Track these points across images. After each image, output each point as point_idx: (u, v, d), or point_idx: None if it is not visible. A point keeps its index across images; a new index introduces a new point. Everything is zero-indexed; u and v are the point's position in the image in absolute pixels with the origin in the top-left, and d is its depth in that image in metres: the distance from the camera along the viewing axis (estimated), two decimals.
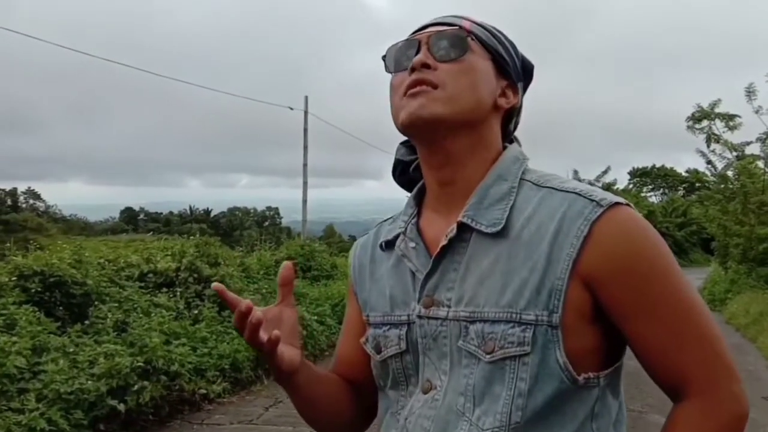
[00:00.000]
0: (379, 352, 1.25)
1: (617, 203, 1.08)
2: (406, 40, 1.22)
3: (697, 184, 25.20)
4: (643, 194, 52.13)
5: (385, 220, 1.38)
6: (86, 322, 7.14)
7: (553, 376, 1.05)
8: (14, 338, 6.03)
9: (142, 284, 8.96)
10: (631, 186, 54.30)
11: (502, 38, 1.24)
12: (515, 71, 1.25)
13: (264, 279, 12.46)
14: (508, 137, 1.28)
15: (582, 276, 1.06)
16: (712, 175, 21.04)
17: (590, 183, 34.73)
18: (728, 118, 19.21)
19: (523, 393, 1.05)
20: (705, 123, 19.62)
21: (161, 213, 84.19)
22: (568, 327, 1.05)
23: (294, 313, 1.19)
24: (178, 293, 8.96)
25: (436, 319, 1.15)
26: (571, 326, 1.05)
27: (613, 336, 1.10)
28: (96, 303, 7.55)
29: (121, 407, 5.92)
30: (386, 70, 1.23)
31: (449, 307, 1.14)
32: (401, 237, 1.24)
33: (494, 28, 1.25)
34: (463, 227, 1.15)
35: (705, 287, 22.02)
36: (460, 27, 1.19)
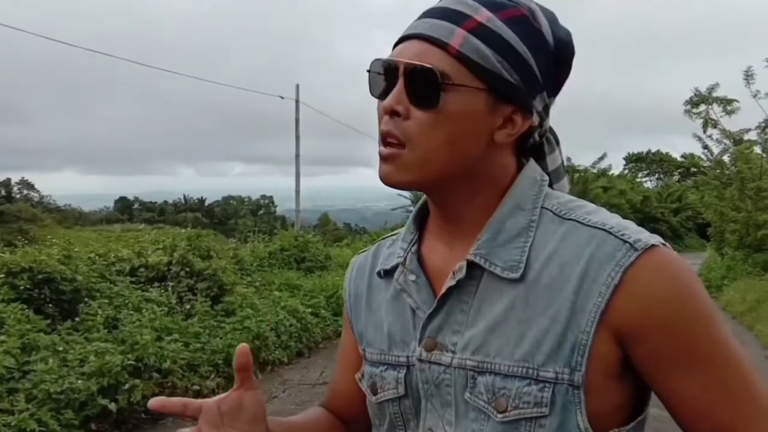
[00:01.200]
0: (375, 393, 1.12)
1: (653, 245, 0.93)
2: (386, 61, 1.02)
3: (693, 169, 25.20)
4: (638, 180, 52.35)
5: (386, 238, 1.23)
6: (76, 318, 7.05)
7: None
8: (2, 337, 5.95)
9: (133, 279, 8.86)
10: (626, 171, 54.50)
11: (516, 44, 0.98)
12: (531, 82, 1.01)
13: (258, 271, 12.38)
14: (533, 148, 1.10)
15: (611, 329, 0.92)
16: (708, 160, 21.03)
17: (585, 169, 34.92)
18: (726, 102, 19.14)
19: None
20: (702, 107, 19.56)
21: (155, 202, 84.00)
22: (591, 386, 0.93)
23: (256, 396, 1.05)
24: (170, 288, 8.85)
25: (439, 365, 1.02)
26: (595, 385, 0.93)
27: (638, 389, 0.98)
28: (86, 299, 7.45)
29: (113, 406, 5.83)
30: (369, 91, 1.05)
31: (454, 352, 1.01)
32: (400, 269, 1.09)
33: (514, 22, 0.99)
34: (472, 265, 1.00)
35: (701, 273, 22.00)
36: (447, 50, 0.96)
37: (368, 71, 1.05)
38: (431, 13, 1.02)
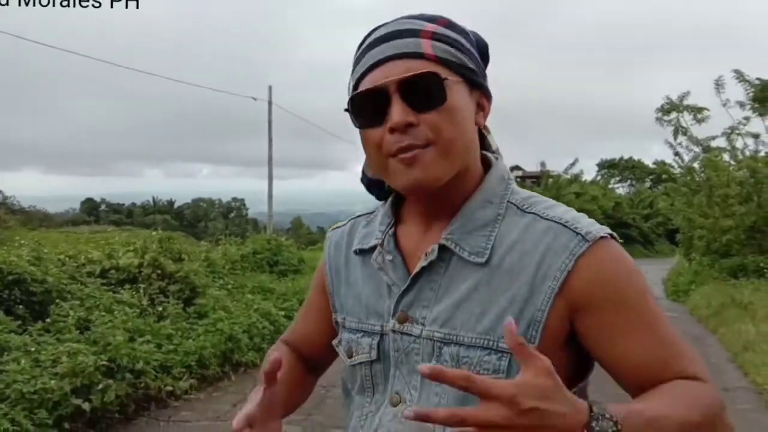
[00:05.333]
0: (350, 356, 1.25)
1: (602, 237, 1.09)
2: (371, 90, 1.09)
3: (664, 176, 25.56)
4: (610, 186, 52.94)
5: (360, 215, 1.35)
6: (47, 320, 6.99)
7: None
8: None
9: (104, 281, 8.81)
10: (599, 178, 55.09)
11: (462, 41, 1.14)
12: (481, 71, 1.18)
13: (230, 274, 12.35)
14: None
15: (564, 307, 1.07)
16: (679, 167, 21.33)
17: (559, 175, 35.23)
18: (696, 110, 19.47)
19: None
20: (673, 115, 19.87)
21: (123, 204, 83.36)
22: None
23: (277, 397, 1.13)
24: (141, 290, 8.81)
25: (410, 335, 1.15)
26: (545, 354, 0.99)
27: (580, 361, 1.14)
28: (57, 301, 7.40)
29: (86, 406, 5.79)
30: (354, 125, 1.14)
31: (423, 325, 1.14)
32: (378, 249, 1.22)
33: (449, 26, 1.15)
34: (443, 248, 1.14)
35: (669, 278, 22.30)
36: (425, 57, 1.08)
37: (346, 109, 1.14)
38: (384, 39, 1.12)
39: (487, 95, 1.20)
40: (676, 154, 20.56)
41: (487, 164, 1.23)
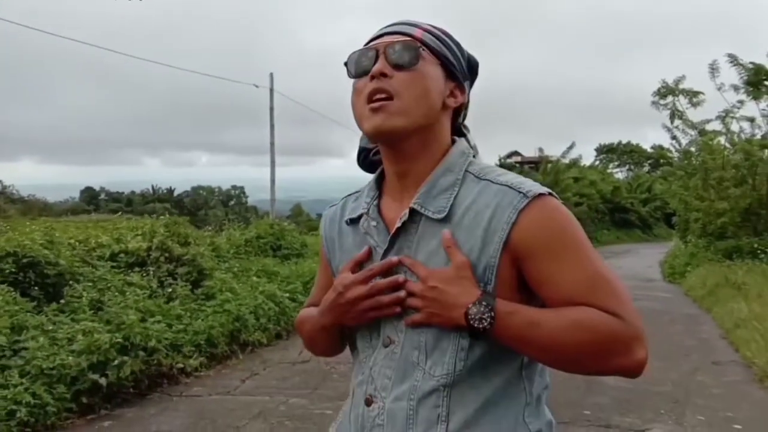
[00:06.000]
0: None
1: (541, 194, 1.29)
2: (365, 48, 1.39)
3: (661, 161, 25.71)
4: (609, 170, 52.92)
5: (351, 195, 1.59)
6: (61, 301, 7.23)
7: None
8: None
9: (114, 264, 9.03)
10: (597, 162, 55.06)
11: (450, 42, 1.41)
12: (462, 72, 1.43)
13: (235, 258, 12.56)
14: (458, 129, 1.49)
15: (510, 254, 1.27)
16: (676, 151, 21.50)
17: (558, 160, 35.23)
18: (692, 94, 19.64)
19: (465, 348, 1.28)
20: (669, 99, 20.03)
21: (123, 192, 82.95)
22: (499, 295, 1.27)
23: None
24: (151, 272, 9.04)
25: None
26: (501, 294, 1.27)
27: (534, 302, 1.30)
28: (70, 282, 7.64)
29: (103, 381, 6.06)
30: (348, 75, 1.41)
31: None
32: (364, 217, 1.45)
33: (442, 32, 1.42)
34: (414, 212, 1.36)
35: (666, 261, 22.55)
36: (413, 37, 1.36)
37: (345, 63, 1.41)
38: (388, 27, 1.42)
39: (461, 88, 1.44)
40: (674, 137, 20.74)
41: None
